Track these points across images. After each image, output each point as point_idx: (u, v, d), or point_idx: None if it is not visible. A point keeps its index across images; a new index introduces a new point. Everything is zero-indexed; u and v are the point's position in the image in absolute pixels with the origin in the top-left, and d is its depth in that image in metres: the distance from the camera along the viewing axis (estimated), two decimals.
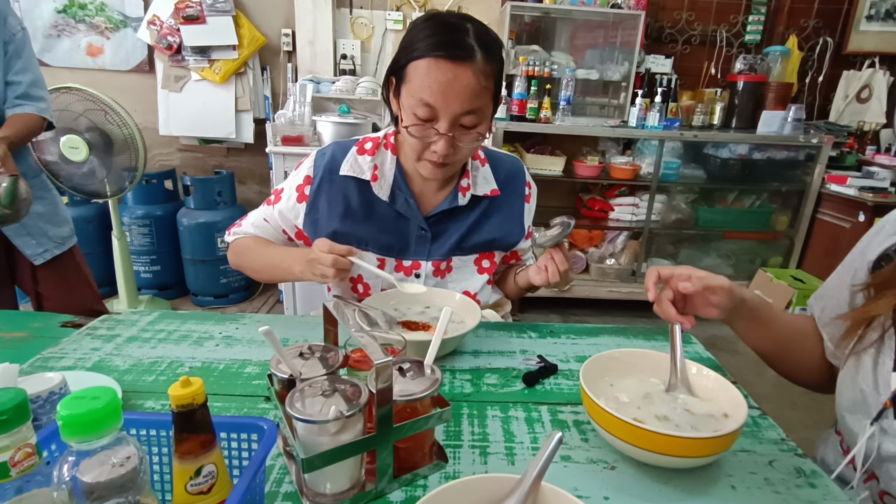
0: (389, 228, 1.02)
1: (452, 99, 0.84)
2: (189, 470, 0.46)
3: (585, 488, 0.61)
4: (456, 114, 0.86)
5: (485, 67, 0.86)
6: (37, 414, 0.61)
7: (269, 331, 0.59)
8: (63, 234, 1.64)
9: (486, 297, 1.12)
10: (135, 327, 0.98)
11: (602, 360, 0.75)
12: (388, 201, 1.01)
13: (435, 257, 1.04)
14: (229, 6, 2.82)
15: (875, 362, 0.68)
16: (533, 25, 3.05)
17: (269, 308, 3.05)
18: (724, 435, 0.59)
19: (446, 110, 0.86)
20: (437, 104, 0.85)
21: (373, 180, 1.00)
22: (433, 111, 0.86)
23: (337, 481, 0.58)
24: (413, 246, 1.03)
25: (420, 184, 1.03)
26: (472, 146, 0.92)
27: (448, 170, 0.95)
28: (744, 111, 3.04)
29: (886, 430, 0.64)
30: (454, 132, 0.88)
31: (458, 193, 1.02)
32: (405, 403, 0.59)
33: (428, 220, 1.03)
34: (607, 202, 3.11)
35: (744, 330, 0.82)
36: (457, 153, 0.91)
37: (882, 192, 2.65)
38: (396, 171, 1.01)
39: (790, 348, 0.83)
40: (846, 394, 0.71)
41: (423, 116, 0.87)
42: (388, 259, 1.04)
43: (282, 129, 2.49)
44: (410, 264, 1.04)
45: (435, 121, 0.87)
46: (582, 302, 3.11)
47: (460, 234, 1.03)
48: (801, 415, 2.21)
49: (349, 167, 1.00)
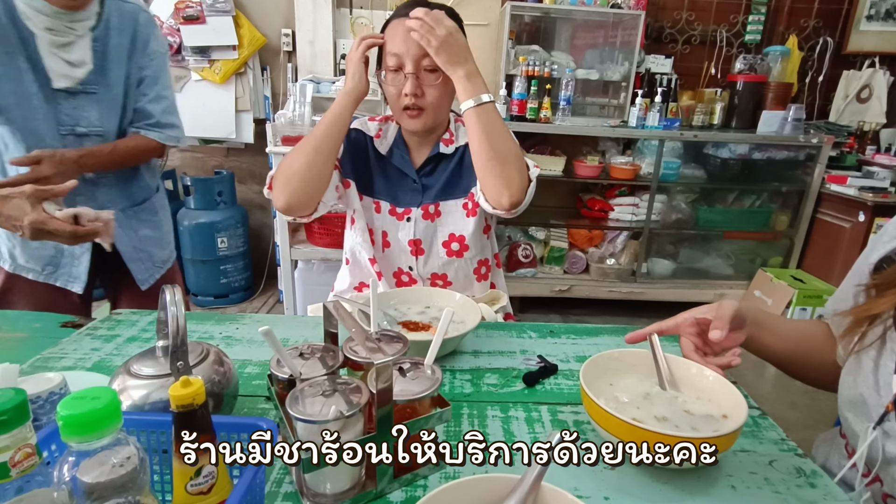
0: (388, 179, 1.19)
1: (412, 43, 1.01)
2: (189, 470, 0.46)
3: (585, 488, 0.61)
4: (416, 56, 1.02)
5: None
6: (37, 414, 0.61)
7: (269, 331, 0.59)
8: (164, 256, 1.52)
9: (477, 243, 1.19)
10: (135, 327, 0.98)
11: (602, 360, 0.75)
12: (387, 156, 1.18)
13: (424, 202, 1.18)
14: (229, 6, 2.82)
15: (876, 364, 0.67)
16: (533, 25, 3.05)
17: (269, 308, 3.05)
18: (724, 435, 0.59)
19: (408, 54, 1.03)
20: (400, 51, 1.03)
21: (376, 137, 1.19)
22: (399, 59, 1.04)
23: (337, 481, 0.58)
24: (407, 195, 1.19)
25: (415, 148, 1.19)
26: (437, 88, 1.05)
27: (426, 118, 1.08)
28: (744, 111, 3.04)
29: (889, 433, 0.64)
30: (418, 72, 1.04)
31: (440, 143, 1.17)
32: (405, 403, 0.59)
33: (419, 173, 1.18)
34: (607, 202, 3.11)
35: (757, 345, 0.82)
36: (426, 95, 1.06)
37: (882, 192, 2.65)
38: (398, 136, 1.20)
39: (801, 352, 0.83)
40: (846, 394, 0.71)
41: (393, 66, 1.05)
42: (384, 203, 1.19)
43: (282, 130, 2.48)
44: (403, 210, 1.18)
45: (403, 68, 1.04)
46: (582, 302, 3.11)
47: (444, 180, 1.17)
48: (801, 415, 2.21)
49: (359, 124, 1.21)
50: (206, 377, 0.64)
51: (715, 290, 3.02)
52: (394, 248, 1.20)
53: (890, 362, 0.65)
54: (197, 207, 2.86)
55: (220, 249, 2.88)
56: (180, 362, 0.60)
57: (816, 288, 2.77)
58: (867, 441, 0.64)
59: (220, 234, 2.86)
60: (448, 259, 1.18)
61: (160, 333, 0.66)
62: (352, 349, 0.67)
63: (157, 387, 0.61)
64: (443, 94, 1.07)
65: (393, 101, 1.08)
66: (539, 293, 3.03)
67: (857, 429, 0.68)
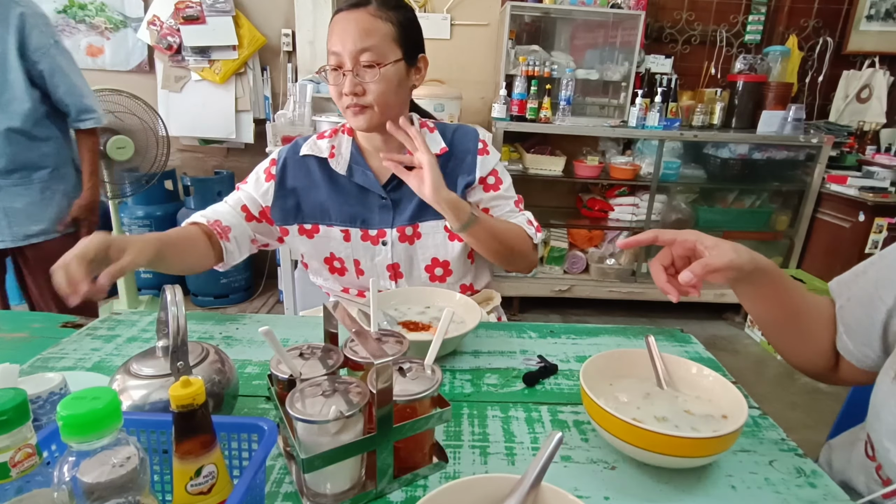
0: (352, 201, 1.10)
1: (347, 39, 0.96)
2: (189, 470, 0.46)
3: (585, 488, 0.61)
4: (353, 51, 0.96)
5: (377, 12, 0.97)
6: (37, 414, 0.61)
7: (269, 331, 0.59)
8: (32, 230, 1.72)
9: (461, 268, 1.14)
10: (135, 327, 0.98)
11: (602, 360, 0.75)
12: (347, 175, 1.10)
13: (399, 223, 1.10)
14: (229, 6, 2.82)
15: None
16: (533, 25, 3.05)
17: (269, 308, 3.05)
18: (724, 435, 0.59)
19: (345, 50, 0.96)
20: (338, 48, 0.97)
21: (330, 157, 1.10)
22: (339, 57, 0.97)
23: (337, 481, 0.58)
24: (377, 216, 1.10)
25: (376, 158, 1.10)
26: (378, 84, 0.98)
27: (371, 115, 1.00)
28: (744, 111, 3.04)
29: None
30: (357, 70, 0.97)
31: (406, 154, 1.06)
32: (405, 403, 0.59)
33: (386, 189, 1.10)
34: (607, 202, 3.11)
35: (748, 297, 0.75)
36: (367, 93, 0.99)
37: (882, 192, 2.65)
38: (353, 149, 1.11)
39: (797, 324, 0.76)
40: (888, 420, 0.63)
41: (333, 64, 0.99)
42: (353, 229, 1.10)
43: (282, 130, 2.48)
44: (376, 233, 1.10)
45: (343, 66, 0.98)
46: (582, 302, 3.11)
47: (419, 198, 1.04)
48: (801, 415, 2.21)
49: (308, 148, 1.12)
50: (206, 377, 0.64)
51: (715, 289, 3.01)
52: (368, 275, 1.12)
53: None
54: (197, 207, 2.81)
55: None
56: (180, 362, 0.60)
57: (816, 288, 2.77)
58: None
59: None
60: (430, 284, 1.13)
61: (160, 333, 0.66)
62: (352, 349, 0.67)
63: (157, 387, 0.61)
64: (386, 91, 0.99)
65: (336, 101, 1.03)
66: (539, 293, 3.03)
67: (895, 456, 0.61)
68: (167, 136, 2.43)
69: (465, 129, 1.16)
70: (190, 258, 1.01)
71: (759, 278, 0.71)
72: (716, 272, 0.66)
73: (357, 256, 1.11)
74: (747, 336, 2.93)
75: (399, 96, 1.03)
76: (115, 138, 2.24)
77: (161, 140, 2.41)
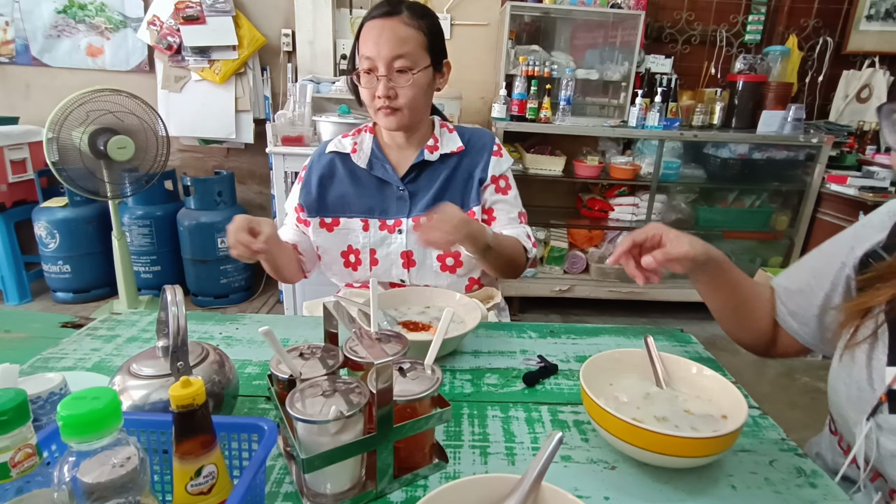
0: (371, 193, 1.17)
1: (382, 45, 1.02)
2: (189, 470, 0.46)
3: (586, 488, 0.61)
4: (387, 58, 1.02)
5: (410, 21, 1.04)
6: (37, 414, 0.61)
7: (269, 331, 0.59)
8: None
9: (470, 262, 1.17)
10: (135, 327, 0.98)
11: (602, 360, 0.75)
12: (367, 168, 1.16)
13: (415, 213, 1.16)
14: (229, 6, 2.82)
15: (869, 357, 0.68)
16: (533, 25, 3.05)
17: (270, 308, 3.05)
18: (724, 435, 0.59)
19: (379, 56, 1.03)
20: (372, 53, 1.03)
21: (352, 152, 1.17)
22: (372, 61, 1.04)
23: (337, 481, 0.58)
24: (394, 206, 1.16)
25: (396, 153, 1.18)
26: (410, 89, 1.05)
27: (401, 117, 1.08)
28: (744, 111, 3.04)
29: (882, 425, 0.64)
30: (390, 75, 1.04)
31: (424, 151, 1.16)
32: (405, 403, 0.59)
33: (404, 181, 1.16)
34: (607, 202, 3.11)
35: (704, 285, 0.85)
36: (399, 97, 1.06)
37: (882, 192, 2.65)
38: (374, 145, 1.19)
39: (744, 308, 0.86)
40: (841, 389, 0.71)
41: (366, 68, 1.05)
42: (372, 220, 1.16)
43: (282, 130, 2.48)
44: (393, 222, 1.16)
45: (376, 70, 1.04)
46: (582, 302, 3.11)
47: (434, 190, 1.16)
48: (801, 415, 2.21)
49: (333, 146, 1.20)
50: (207, 377, 0.64)
51: None
52: (383, 264, 1.17)
53: (882, 355, 0.66)
54: (197, 207, 2.86)
55: (220, 249, 2.88)
56: (180, 362, 0.60)
57: None
58: (864, 433, 0.64)
59: (220, 234, 2.85)
60: (441, 273, 1.17)
61: (160, 333, 0.66)
62: (352, 349, 0.67)
63: (157, 387, 0.61)
64: (417, 94, 1.06)
65: (368, 103, 1.09)
66: (539, 293, 3.03)
67: (853, 423, 0.68)
68: (167, 136, 2.43)
69: (482, 131, 1.24)
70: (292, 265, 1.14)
71: (712, 269, 0.81)
72: (673, 260, 0.76)
73: (374, 245, 1.16)
74: None
75: (426, 99, 1.11)
76: (115, 138, 2.24)
77: (161, 140, 2.41)
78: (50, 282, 2.90)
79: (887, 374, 0.64)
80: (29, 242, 2.94)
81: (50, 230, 2.76)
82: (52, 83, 3.01)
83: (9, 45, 2.95)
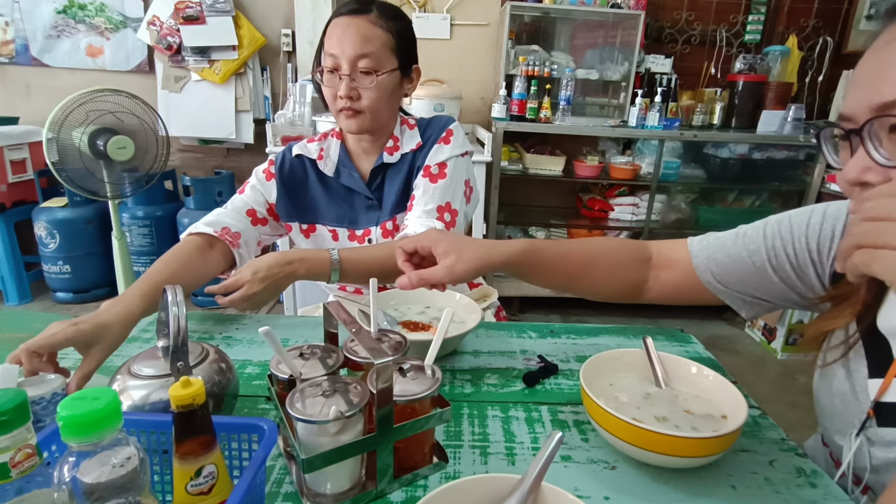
0: (339, 201, 1.14)
1: (346, 43, 0.98)
2: (189, 470, 0.46)
3: (586, 488, 0.61)
4: (351, 56, 0.98)
5: (378, 20, 1.00)
6: (38, 415, 0.61)
7: (269, 331, 0.59)
8: None
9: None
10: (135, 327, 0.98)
11: (602, 360, 0.75)
12: (335, 176, 1.13)
13: (381, 220, 1.13)
14: (229, 6, 2.82)
15: (848, 370, 0.66)
16: (533, 25, 3.05)
17: (269, 308, 3.05)
18: (724, 435, 0.59)
19: (343, 54, 0.98)
20: (336, 51, 0.99)
21: (318, 159, 1.13)
22: (336, 60, 0.99)
23: (337, 481, 0.58)
24: (364, 216, 1.14)
25: (363, 161, 1.14)
26: (373, 91, 1.01)
27: (363, 119, 1.03)
28: (744, 111, 3.04)
29: (872, 438, 0.62)
30: (353, 75, 0.99)
31: (384, 153, 1.11)
32: (405, 403, 0.59)
33: (370, 187, 1.12)
34: (607, 202, 3.11)
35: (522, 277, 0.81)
36: (362, 98, 1.01)
37: None
38: (341, 152, 1.14)
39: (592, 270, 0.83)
40: (824, 402, 0.70)
41: (330, 66, 1.00)
42: (341, 230, 1.14)
43: (282, 130, 2.49)
44: (362, 233, 1.14)
45: (339, 69, 1.00)
46: (582, 302, 3.11)
47: (397, 193, 1.11)
48: (801, 415, 2.21)
49: (299, 149, 1.14)
50: (207, 377, 0.64)
51: None
52: None
53: (862, 367, 0.64)
54: (197, 207, 2.86)
55: None
56: (180, 362, 0.60)
57: None
58: (853, 449, 0.62)
59: None
60: None
61: (160, 333, 0.66)
62: (352, 349, 0.67)
63: (157, 387, 0.61)
64: (380, 97, 1.02)
65: (329, 103, 1.05)
66: (539, 293, 3.02)
67: (838, 437, 0.67)
68: (167, 136, 2.43)
69: (438, 119, 1.16)
70: (194, 278, 1.02)
71: (515, 268, 0.77)
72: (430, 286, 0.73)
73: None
74: (747, 336, 2.93)
75: (391, 104, 1.06)
76: (115, 138, 2.23)
77: (161, 140, 2.41)
78: (50, 282, 2.90)
79: (870, 386, 0.62)
80: (29, 243, 2.94)
81: (50, 230, 2.76)
82: (51, 83, 3.01)
83: (9, 46, 2.95)
